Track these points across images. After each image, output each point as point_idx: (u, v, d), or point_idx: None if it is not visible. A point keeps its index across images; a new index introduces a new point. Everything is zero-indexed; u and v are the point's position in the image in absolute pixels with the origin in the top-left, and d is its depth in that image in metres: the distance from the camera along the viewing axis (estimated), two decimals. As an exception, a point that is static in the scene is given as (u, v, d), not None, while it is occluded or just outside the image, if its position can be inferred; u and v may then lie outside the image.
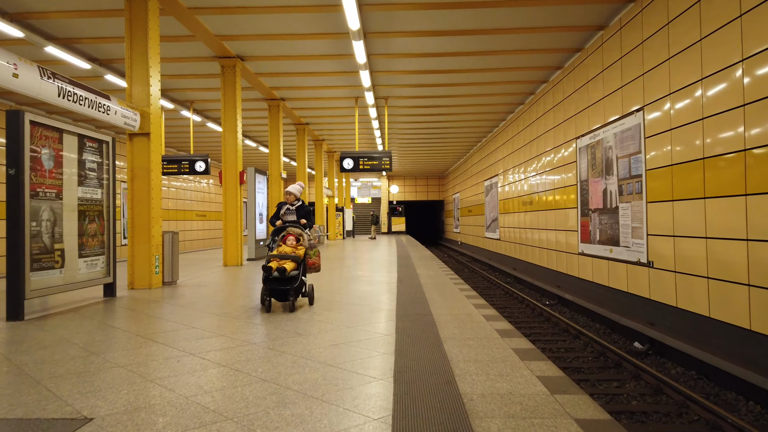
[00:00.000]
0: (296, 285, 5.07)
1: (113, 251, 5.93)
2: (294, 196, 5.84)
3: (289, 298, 5.03)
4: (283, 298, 5.11)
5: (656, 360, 6.42)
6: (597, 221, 8.80)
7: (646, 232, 7.10)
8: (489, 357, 3.19)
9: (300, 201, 5.93)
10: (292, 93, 12.95)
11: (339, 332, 4.06)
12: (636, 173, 7.40)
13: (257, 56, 10.01)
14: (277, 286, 5.01)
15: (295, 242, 5.37)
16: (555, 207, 11.08)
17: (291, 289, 5.02)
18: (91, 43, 9.09)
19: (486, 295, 11.32)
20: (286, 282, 5.01)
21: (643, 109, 7.16)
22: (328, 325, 4.34)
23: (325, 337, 3.88)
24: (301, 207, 5.84)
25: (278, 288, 5.03)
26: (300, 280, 5.15)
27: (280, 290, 5.05)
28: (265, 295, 5.04)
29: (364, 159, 13.19)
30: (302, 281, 5.24)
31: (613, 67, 8.12)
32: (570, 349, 7.00)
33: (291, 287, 5.01)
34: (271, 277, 4.97)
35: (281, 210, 5.83)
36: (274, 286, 5.01)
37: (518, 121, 14.41)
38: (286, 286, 5.00)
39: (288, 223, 5.71)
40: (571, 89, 10.04)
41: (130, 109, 6.27)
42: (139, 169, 6.60)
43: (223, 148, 10.07)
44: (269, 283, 5.02)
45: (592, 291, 8.95)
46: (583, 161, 9.40)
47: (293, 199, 5.84)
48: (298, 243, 5.37)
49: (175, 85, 12.03)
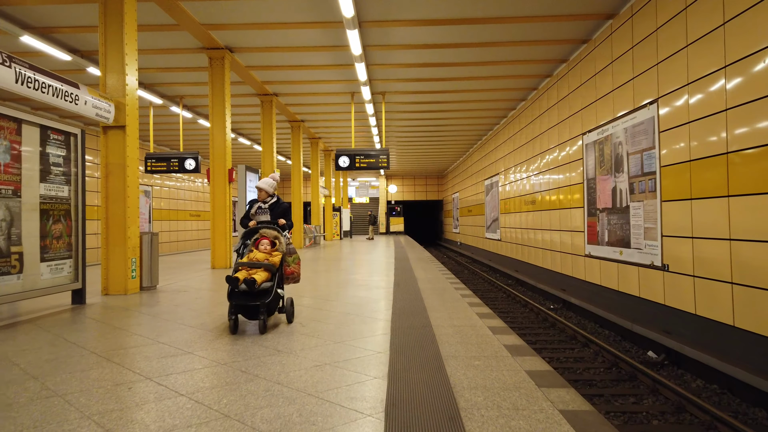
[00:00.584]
0: (269, 300, 4.13)
1: (82, 254, 5.43)
2: (266, 193, 4.95)
3: (259, 316, 4.13)
4: (253, 316, 4.25)
5: (673, 371, 5.94)
6: (605, 221, 8.31)
7: (661, 233, 6.62)
8: (500, 383, 2.69)
9: (274, 197, 5.02)
10: (286, 88, 12.44)
11: (325, 349, 3.56)
12: (649, 170, 6.92)
13: (247, 47, 9.50)
14: (245, 301, 4.09)
15: (270, 247, 4.45)
16: (559, 207, 10.60)
17: (262, 306, 4.10)
18: (70, 32, 8.57)
19: (487, 299, 10.82)
20: (256, 297, 4.10)
21: (657, 101, 6.67)
22: (313, 340, 3.84)
23: (309, 356, 3.38)
24: (277, 204, 4.96)
25: (246, 304, 4.11)
26: (275, 294, 4.21)
27: (248, 307, 4.15)
28: (232, 314, 4.13)
29: (360, 157, 12.69)
30: (278, 295, 4.32)
31: (623, 58, 7.64)
32: (580, 359, 6.51)
33: (262, 303, 4.09)
34: (237, 290, 4.08)
35: (252, 209, 4.94)
36: (241, 302, 4.09)
37: (520, 118, 13.92)
38: (256, 302, 4.08)
39: (261, 224, 4.78)
40: (577, 83, 9.55)
41: (104, 100, 5.76)
42: (114, 165, 6.08)
43: (211, 144, 9.56)
44: (235, 297, 4.09)
45: (600, 295, 8.46)
46: (590, 158, 8.91)
47: (265, 196, 4.96)
48: (273, 248, 4.47)
49: (163, 79, 11.51)
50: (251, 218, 4.91)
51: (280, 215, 4.87)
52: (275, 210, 4.90)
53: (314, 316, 4.84)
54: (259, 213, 4.89)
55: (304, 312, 5.05)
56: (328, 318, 4.73)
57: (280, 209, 4.92)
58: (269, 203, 4.95)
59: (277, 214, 4.87)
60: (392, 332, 4.03)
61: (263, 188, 4.95)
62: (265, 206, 4.93)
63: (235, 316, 4.14)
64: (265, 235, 4.55)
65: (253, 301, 4.09)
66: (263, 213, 4.89)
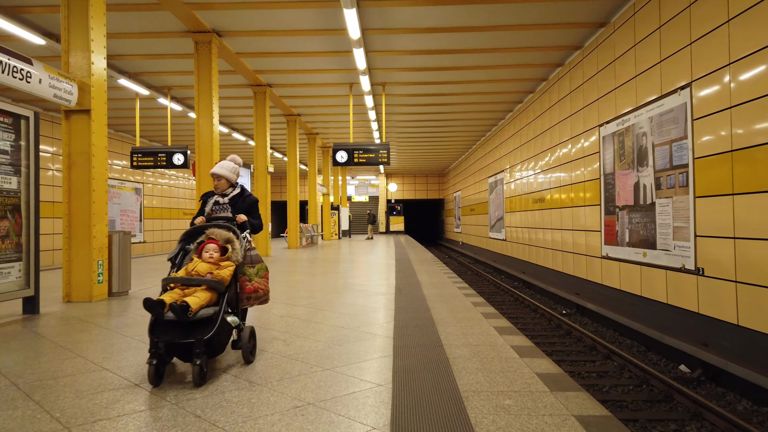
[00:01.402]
0: (210, 335, 2.76)
1: (35, 256, 4.70)
2: (225, 181, 3.65)
3: (194, 360, 2.73)
4: (185, 357, 2.91)
5: (712, 390, 5.22)
6: (626, 220, 7.59)
7: (694, 233, 5.90)
8: (543, 437, 1.98)
9: (237, 188, 3.74)
10: (280, 77, 11.70)
11: (310, 380, 2.81)
12: (680, 163, 6.20)
13: (236, 30, 8.76)
14: (172, 337, 2.74)
15: (219, 254, 3.15)
16: (572, 204, 9.87)
17: (198, 345, 2.72)
18: (41, 12, 7.83)
19: (494, 302, 10.10)
20: (190, 330, 2.75)
21: (691, 85, 5.95)
22: (297, 366, 3.09)
23: (289, 391, 2.63)
24: (240, 198, 3.69)
25: (175, 342, 2.75)
26: (221, 324, 2.89)
27: (177, 346, 2.81)
28: (153, 356, 2.74)
29: (359, 151, 11.96)
30: (227, 325, 3.01)
31: (648, 41, 6.91)
32: (603, 373, 5.79)
33: (199, 340, 2.72)
34: (163, 320, 2.77)
35: (207, 205, 3.64)
36: (167, 338, 2.74)
37: (528, 111, 13.19)
38: (189, 339, 2.72)
39: (213, 221, 3.49)
40: (593, 70, 8.83)
41: (64, 79, 5.03)
42: (78, 155, 5.34)
43: (197, 136, 8.83)
44: (159, 332, 2.76)
45: (620, 301, 7.74)
46: (608, 151, 8.19)
47: (225, 186, 3.66)
48: (223, 255, 3.16)
49: (149, 68, 10.77)
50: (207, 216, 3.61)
51: (243, 211, 3.65)
52: (238, 206, 3.66)
53: (302, 330, 4.10)
54: (216, 211, 3.61)
55: (291, 325, 4.31)
56: (318, 333, 3.98)
57: (245, 203, 3.67)
58: (230, 196, 3.66)
59: (240, 211, 3.64)
60: (395, 354, 3.29)
61: (222, 175, 3.62)
62: (224, 200, 3.64)
63: (157, 360, 2.73)
64: (212, 237, 3.19)
65: (184, 336, 2.72)
66: (222, 210, 3.61)
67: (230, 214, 3.58)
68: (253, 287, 3.27)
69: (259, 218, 3.70)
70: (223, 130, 16.68)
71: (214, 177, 3.68)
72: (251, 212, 3.67)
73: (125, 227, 16.48)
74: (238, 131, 17.88)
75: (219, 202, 3.66)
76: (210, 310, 2.85)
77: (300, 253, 14.13)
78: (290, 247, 16.31)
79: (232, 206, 3.63)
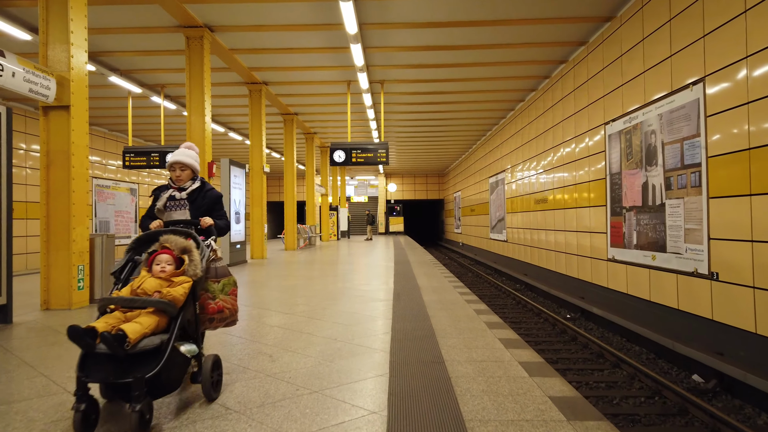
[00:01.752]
0: (155, 372, 2.16)
1: (8, 261, 4.40)
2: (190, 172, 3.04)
3: (134, 403, 2.10)
4: (124, 397, 2.30)
5: (729, 402, 4.93)
6: (633, 221, 7.30)
7: (708, 236, 5.61)
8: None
9: (197, 181, 3.08)
10: (276, 75, 11.40)
11: (295, 405, 2.48)
12: (692, 162, 5.90)
13: (229, 26, 8.46)
14: (106, 375, 2.16)
15: (174, 267, 2.56)
16: (576, 205, 9.58)
17: (137, 385, 2.11)
18: (27, 6, 7.53)
19: (495, 306, 9.80)
20: (128, 366, 2.15)
21: (704, 80, 5.66)
22: (282, 387, 2.78)
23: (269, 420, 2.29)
24: (201, 193, 3.04)
25: (109, 381, 2.18)
26: (171, 356, 2.28)
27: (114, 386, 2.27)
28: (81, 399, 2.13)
29: (357, 151, 11.67)
30: (180, 357, 2.42)
31: (658, 35, 6.62)
32: (612, 383, 5.49)
33: (138, 379, 2.11)
34: (95, 353, 2.16)
35: (160, 200, 2.98)
36: (99, 377, 2.17)
37: (530, 110, 12.89)
38: (125, 378, 2.12)
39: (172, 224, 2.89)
40: (598, 67, 8.53)
41: (41, 73, 4.73)
42: (57, 153, 5.04)
43: (188, 133, 8.52)
44: (89, 367, 2.16)
45: (627, 305, 7.45)
46: (614, 150, 7.90)
47: (186, 179, 3.04)
48: (178, 268, 2.56)
49: (141, 65, 10.47)
50: (157, 216, 2.97)
51: (206, 211, 3.00)
52: (198, 202, 2.99)
53: (292, 342, 3.78)
54: (171, 208, 2.96)
55: (280, 336, 4.01)
56: (308, 346, 3.66)
57: (208, 200, 3.02)
58: (189, 190, 3.01)
59: (201, 209, 2.98)
60: (391, 372, 2.98)
61: (188, 164, 3.00)
62: (182, 196, 2.99)
63: (87, 402, 2.13)
64: (166, 246, 2.59)
65: (120, 375, 2.12)
66: (179, 207, 2.96)
67: (188, 213, 2.96)
68: (218, 306, 2.67)
69: (224, 217, 3.08)
70: (219, 129, 16.39)
71: (176, 166, 3.01)
72: (215, 210, 3.04)
73: (120, 228, 16.18)
74: (235, 131, 17.57)
75: (175, 198, 2.98)
76: (156, 338, 2.22)
77: (297, 255, 13.83)
78: (287, 248, 16.01)
79: (191, 203, 2.99)
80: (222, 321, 2.71)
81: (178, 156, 3.02)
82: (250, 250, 12.40)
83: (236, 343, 3.75)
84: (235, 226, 10.42)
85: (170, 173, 3.06)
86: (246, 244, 11.55)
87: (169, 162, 3.04)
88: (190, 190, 3.04)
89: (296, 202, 15.92)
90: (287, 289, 6.91)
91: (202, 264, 2.60)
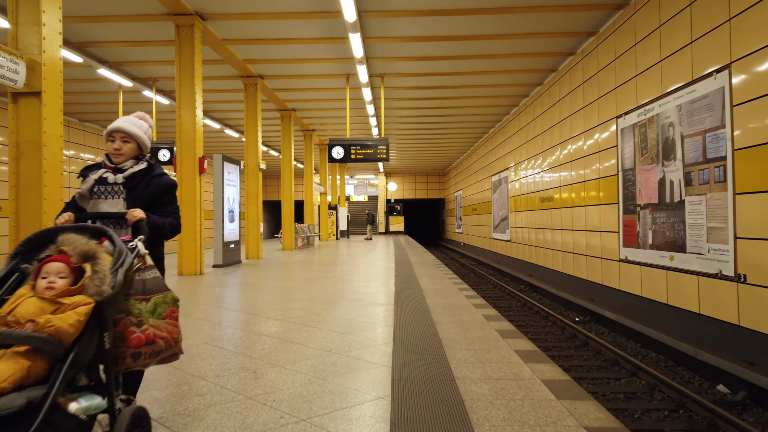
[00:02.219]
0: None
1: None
2: (135, 146, 2.27)
3: None
4: None
5: (760, 415, 4.51)
6: (648, 220, 6.88)
7: (734, 235, 5.19)
8: None
9: (142, 161, 2.29)
10: (272, 68, 10.97)
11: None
12: (715, 155, 5.49)
13: (221, 13, 8.04)
14: None
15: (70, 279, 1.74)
16: (584, 203, 9.16)
17: None
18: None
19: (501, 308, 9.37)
20: None
21: (730, 67, 5.24)
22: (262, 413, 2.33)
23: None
24: (145, 178, 2.25)
25: None
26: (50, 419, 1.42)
27: None
28: None
29: (356, 147, 11.26)
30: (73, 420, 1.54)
31: (676, 20, 6.20)
32: (631, 394, 5.07)
33: None
34: None
35: (86, 182, 2.22)
36: None
37: (534, 106, 12.47)
38: None
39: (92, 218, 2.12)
40: (609, 58, 8.12)
41: (8, 56, 4.31)
42: (27, 144, 4.62)
43: (178, 127, 8.10)
44: None
45: (642, 309, 7.03)
46: (627, 145, 7.48)
47: (127, 156, 2.25)
48: (75, 285, 1.74)
49: (131, 56, 10.05)
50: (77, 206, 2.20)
51: (148, 203, 2.19)
52: (140, 190, 2.20)
53: (280, 355, 3.33)
54: (100, 194, 2.19)
55: (267, 348, 3.58)
56: (299, 360, 3.20)
57: (153, 189, 2.22)
58: (128, 172, 2.21)
59: (142, 200, 2.18)
60: (393, 394, 2.53)
61: (127, 131, 2.22)
62: (116, 179, 2.19)
63: None
64: (63, 251, 1.80)
65: None
66: (111, 195, 2.18)
67: (122, 203, 2.16)
68: (146, 336, 1.84)
69: (173, 214, 2.24)
70: (215, 126, 15.96)
71: (116, 136, 2.21)
72: (162, 203, 2.23)
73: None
74: (231, 127, 17.15)
75: (107, 181, 2.16)
76: (24, 395, 1.42)
77: (294, 256, 13.41)
78: (285, 248, 15.59)
79: (130, 190, 2.18)
80: (154, 356, 1.87)
81: (120, 122, 2.24)
82: (245, 250, 11.98)
83: (217, 355, 3.33)
84: (228, 225, 9.99)
85: (108, 145, 2.25)
86: (241, 243, 11.12)
87: (108, 129, 2.24)
88: (130, 173, 2.20)
89: (294, 201, 15.50)
90: (281, 291, 6.48)
91: (117, 276, 1.77)
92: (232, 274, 8.70)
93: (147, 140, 2.32)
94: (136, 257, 1.92)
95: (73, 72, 10.45)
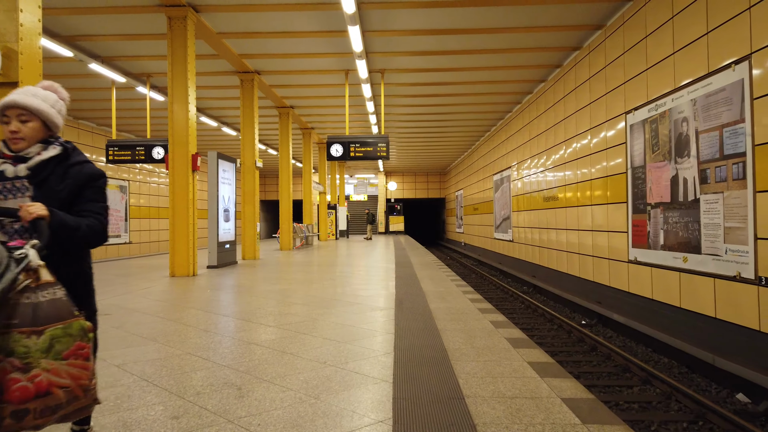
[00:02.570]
0: None
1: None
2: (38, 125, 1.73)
3: None
4: None
5: (786, 429, 4.22)
6: (660, 219, 6.59)
7: (754, 235, 4.90)
8: None
9: (56, 145, 1.76)
10: (269, 63, 10.67)
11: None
12: (734, 151, 5.20)
13: (215, 5, 7.74)
14: None
15: None
16: (590, 202, 8.87)
17: None
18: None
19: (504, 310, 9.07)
20: None
21: (750, 58, 4.95)
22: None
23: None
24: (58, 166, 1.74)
25: None
26: None
27: None
28: None
29: (356, 145, 10.96)
30: None
31: (690, 10, 5.91)
32: (646, 403, 4.78)
33: None
34: None
35: None
36: None
37: (538, 102, 12.18)
38: None
39: None
40: (617, 51, 7.82)
41: (-19, 43, 4.02)
42: (3, 139, 4.34)
43: (170, 123, 7.80)
44: None
45: (653, 312, 6.74)
46: (637, 142, 7.19)
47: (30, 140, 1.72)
48: None
49: (125, 50, 9.75)
50: None
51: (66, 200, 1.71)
52: (52, 184, 1.72)
53: (270, 368, 3.01)
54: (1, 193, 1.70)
55: (256, 359, 3.28)
56: (289, 374, 2.88)
57: (71, 182, 1.73)
58: (34, 161, 1.71)
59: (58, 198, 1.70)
60: (395, 416, 2.22)
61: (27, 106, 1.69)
62: (18, 171, 1.69)
63: None
64: None
65: None
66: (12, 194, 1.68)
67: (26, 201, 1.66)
68: (36, 386, 1.35)
69: (96, 214, 1.74)
70: (212, 124, 15.66)
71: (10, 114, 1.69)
72: (84, 200, 1.74)
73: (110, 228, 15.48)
74: (229, 125, 16.85)
75: (4, 175, 1.68)
76: None
77: (292, 256, 13.11)
78: (282, 248, 15.29)
79: (38, 186, 1.70)
80: (49, 412, 1.37)
81: (15, 94, 1.70)
82: (241, 251, 11.68)
83: (200, 367, 3.03)
84: (224, 224, 9.70)
85: (2, 129, 1.72)
86: (237, 244, 10.82)
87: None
88: (36, 162, 1.69)
89: (292, 200, 15.20)
90: (275, 294, 6.19)
91: None
92: (226, 275, 8.40)
93: (57, 116, 1.76)
94: (22, 271, 1.39)
95: (64, 67, 10.16)
